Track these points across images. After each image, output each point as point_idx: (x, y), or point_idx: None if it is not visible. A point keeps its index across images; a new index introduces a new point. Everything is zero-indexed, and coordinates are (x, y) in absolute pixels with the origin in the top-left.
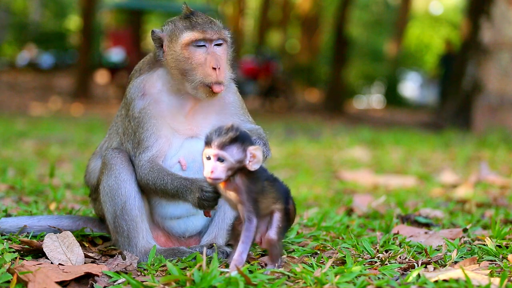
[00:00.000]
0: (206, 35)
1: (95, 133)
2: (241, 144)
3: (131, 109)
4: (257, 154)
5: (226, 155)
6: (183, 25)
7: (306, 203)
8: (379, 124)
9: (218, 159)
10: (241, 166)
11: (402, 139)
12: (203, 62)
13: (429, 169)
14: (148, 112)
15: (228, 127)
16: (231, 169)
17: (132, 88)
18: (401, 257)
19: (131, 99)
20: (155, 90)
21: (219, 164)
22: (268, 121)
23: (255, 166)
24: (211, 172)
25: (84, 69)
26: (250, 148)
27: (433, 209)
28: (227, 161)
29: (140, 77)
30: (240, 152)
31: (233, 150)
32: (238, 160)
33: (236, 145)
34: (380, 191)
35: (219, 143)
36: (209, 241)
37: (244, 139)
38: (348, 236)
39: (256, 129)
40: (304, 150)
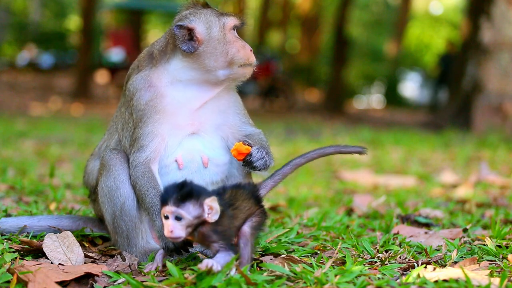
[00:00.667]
0: (241, 21)
1: (95, 133)
2: (197, 200)
3: (135, 101)
4: (214, 206)
5: (183, 213)
6: (215, 12)
7: (306, 203)
8: (379, 124)
9: (175, 217)
10: (200, 221)
11: (402, 139)
12: (243, 45)
13: (429, 169)
14: (154, 105)
15: (181, 184)
16: (190, 225)
17: (135, 81)
18: (401, 257)
19: (134, 91)
20: (162, 84)
21: (177, 223)
22: (268, 121)
23: (214, 217)
24: (170, 231)
25: (84, 69)
26: (206, 201)
27: (433, 209)
28: (184, 219)
29: (143, 72)
30: (197, 207)
31: (189, 208)
32: (195, 216)
33: (192, 202)
34: (380, 191)
35: (175, 201)
36: None
37: (199, 194)
38: (348, 236)
39: (258, 133)
40: (304, 150)
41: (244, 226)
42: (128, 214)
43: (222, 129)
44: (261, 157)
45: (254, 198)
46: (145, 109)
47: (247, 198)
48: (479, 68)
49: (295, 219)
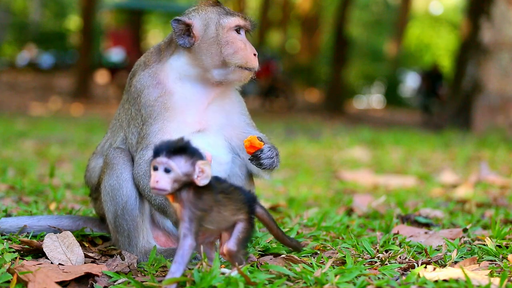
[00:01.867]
0: (247, 23)
1: (95, 133)
2: (190, 157)
3: (144, 97)
4: (206, 169)
5: (173, 166)
6: (219, 11)
7: (306, 203)
8: (379, 124)
9: (165, 169)
10: (189, 180)
11: (402, 139)
12: (244, 47)
13: (429, 169)
14: (164, 102)
15: (178, 138)
16: (178, 181)
17: (142, 78)
18: (401, 257)
19: (142, 88)
20: (169, 80)
21: (165, 174)
22: (268, 121)
23: (203, 182)
24: (156, 181)
25: (84, 69)
26: (199, 162)
27: (433, 209)
28: (173, 172)
29: (151, 68)
30: (188, 165)
31: (180, 161)
32: (185, 173)
33: (185, 157)
34: (380, 191)
35: (167, 152)
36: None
37: (194, 152)
38: (348, 236)
39: (264, 137)
40: (304, 150)
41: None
42: (130, 213)
43: (226, 129)
44: (270, 157)
45: (248, 206)
46: (154, 105)
47: (241, 200)
48: (479, 68)
49: (295, 219)
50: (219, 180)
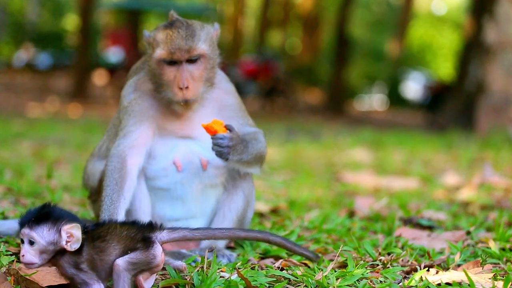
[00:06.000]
0: (174, 56)
1: (93, 134)
2: (54, 224)
3: (121, 103)
4: (74, 233)
5: (36, 237)
6: (160, 38)
7: (307, 205)
8: (381, 125)
9: (29, 241)
10: (58, 248)
11: (405, 140)
12: (172, 80)
13: (432, 170)
14: (138, 103)
15: (41, 206)
16: (45, 251)
17: (126, 87)
18: (403, 260)
19: (123, 96)
20: (145, 89)
21: (29, 247)
22: (268, 122)
23: (74, 246)
24: (22, 256)
25: (82, 69)
26: (65, 227)
27: (436, 211)
28: (37, 243)
29: (133, 78)
30: (53, 232)
31: (43, 231)
32: (50, 242)
33: (48, 225)
34: (382, 193)
35: (29, 223)
36: (208, 244)
37: (58, 218)
38: (349, 239)
39: (255, 133)
40: (305, 151)
41: (117, 260)
42: (134, 215)
43: None
44: (219, 144)
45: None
46: (127, 106)
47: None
48: (482, 68)
49: (296, 221)
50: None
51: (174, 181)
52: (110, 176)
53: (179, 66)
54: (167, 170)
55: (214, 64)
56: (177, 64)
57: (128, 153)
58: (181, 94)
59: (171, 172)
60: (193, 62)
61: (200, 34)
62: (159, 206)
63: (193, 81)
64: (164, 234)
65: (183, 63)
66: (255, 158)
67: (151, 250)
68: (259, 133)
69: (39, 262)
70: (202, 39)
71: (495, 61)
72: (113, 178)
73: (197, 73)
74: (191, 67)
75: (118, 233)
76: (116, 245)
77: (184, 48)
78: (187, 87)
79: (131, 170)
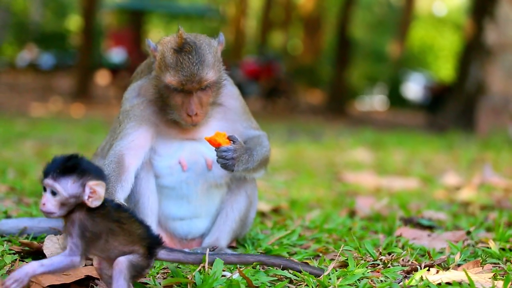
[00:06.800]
0: (185, 87)
1: (96, 134)
2: (79, 177)
3: (123, 106)
4: (98, 190)
5: (59, 188)
6: (169, 62)
7: (308, 205)
8: (382, 126)
9: (51, 192)
10: (79, 201)
11: (405, 140)
12: (180, 105)
13: (432, 171)
14: (140, 108)
15: (68, 156)
16: (66, 204)
17: (128, 90)
18: (404, 260)
19: (125, 99)
20: (148, 95)
21: (51, 197)
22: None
23: (95, 203)
24: (43, 204)
25: (84, 69)
26: (90, 183)
27: (436, 211)
28: (59, 195)
29: (139, 81)
30: (77, 186)
31: (67, 183)
32: (72, 195)
33: (73, 178)
34: (383, 193)
35: (54, 173)
36: (210, 243)
37: (84, 172)
38: (350, 239)
39: (259, 137)
40: (306, 151)
41: (120, 257)
42: (141, 212)
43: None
44: (224, 157)
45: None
46: (129, 110)
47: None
48: (482, 70)
49: (297, 221)
50: (120, 208)
51: (180, 180)
52: (108, 166)
53: (188, 94)
54: (172, 169)
55: (221, 84)
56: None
57: (126, 153)
58: (190, 120)
59: (177, 171)
60: (203, 90)
61: (209, 59)
62: (164, 205)
63: (201, 108)
64: (162, 252)
65: (193, 93)
66: (260, 164)
67: (151, 261)
68: (263, 137)
69: (58, 213)
70: (211, 65)
71: (496, 62)
72: (110, 168)
73: (205, 99)
74: (200, 93)
75: (134, 228)
76: (128, 238)
77: (195, 79)
78: (196, 113)
79: (128, 167)
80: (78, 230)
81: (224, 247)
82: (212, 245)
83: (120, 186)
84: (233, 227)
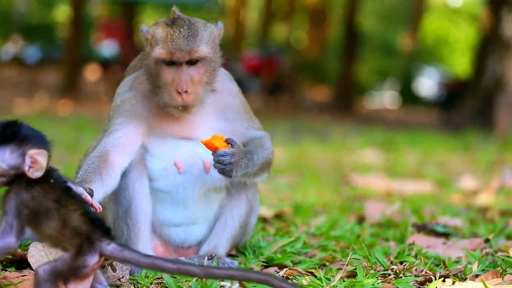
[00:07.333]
0: (174, 56)
1: (85, 133)
2: (18, 146)
3: (114, 100)
4: (39, 160)
5: None
6: (159, 36)
7: (314, 210)
8: (393, 124)
9: None
10: (19, 172)
11: (418, 140)
12: (170, 83)
13: (448, 173)
14: (131, 103)
15: (4, 123)
16: (4, 175)
17: (121, 85)
18: (417, 270)
19: (117, 94)
20: (144, 89)
21: None
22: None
23: (36, 174)
24: None
25: (73, 63)
26: (30, 152)
27: (452, 217)
28: None
29: (132, 75)
30: (16, 155)
31: (5, 153)
32: (11, 166)
33: (11, 147)
34: (394, 198)
35: None
36: (208, 251)
37: (23, 140)
38: (359, 247)
39: (261, 138)
40: (311, 152)
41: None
42: (133, 217)
43: (224, 134)
44: (221, 162)
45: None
46: (120, 105)
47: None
48: (501, 64)
49: (302, 227)
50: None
51: (175, 183)
52: (89, 161)
53: (178, 68)
54: (167, 171)
55: (215, 66)
56: (176, 66)
57: (111, 149)
58: (180, 99)
59: (172, 173)
60: (194, 65)
61: (202, 35)
62: (159, 210)
63: (192, 85)
64: (111, 247)
65: (183, 65)
66: (261, 168)
67: (82, 259)
68: (266, 138)
69: None
70: (204, 40)
71: None
72: (91, 162)
73: (197, 77)
74: (191, 70)
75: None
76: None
77: (185, 49)
78: (186, 91)
79: (112, 162)
80: (14, 205)
81: (222, 256)
82: (210, 253)
83: (100, 178)
84: (232, 234)
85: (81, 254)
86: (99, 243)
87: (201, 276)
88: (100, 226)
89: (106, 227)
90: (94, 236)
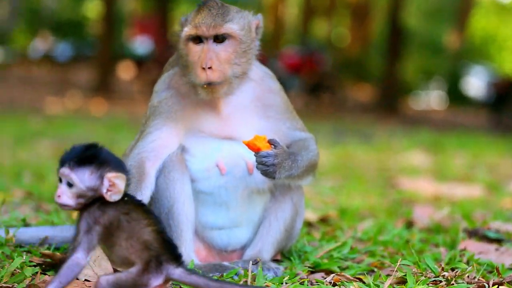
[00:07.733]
0: (199, 31)
1: (119, 133)
2: (97, 169)
3: (152, 100)
4: (117, 183)
5: (75, 179)
6: (191, 17)
7: (360, 214)
8: (440, 126)
9: (67, 183)
10: (97, 195)
11: (467, 142)
12: (196, 61)
13: (498, 177)
14: (168, 104)
15: (86, 145)
16: (83, 196)
17: (158, 82)
18: (469, 277)
19: (155, 92)
20: (179, 85)
21: (67, 189)
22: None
23: (114, 197)
24: (58, 196)
25: (105, 61)
26: (108, 174)
27: (505, 222)
28: (76, 186)
29: (170, 71)
30: (95, 178)
31: (84, 174)
32: (90, 187)
33: (90, 169)
34: (442, 202)
35: (71, 163)
36: (252, 255)
37: (103, 163)
38: (408, 252)
39: (305, 140)
40: (355, 154)
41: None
42: (176, 218)
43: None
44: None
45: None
46: (157, 106)
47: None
48: None
49: (348, 232)
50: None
51: (218, 185)
52: None
53: (205, 45)
54: (209, 172)
55: (247, 49)
56: (203, 43)
57: (145, 156)
58: (204, 76)
59: (214, 174)
60: (221, 42)
61: (233, 15)
62: (201, 212)
63: (218, 62)
64: (179, 271)
65: (209, 42)
66: (306, 171)
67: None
68: (310, 140)
69: (74, 206)
70: (233, 20)
71: None
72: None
73: (223, 55)
74: (218, 47)
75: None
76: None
77: (210, 23)
78: (210, 67)
79: (149, 171)
80: (86, 223)
81: (267, 260)
82: (254, 258)
83: (140, 194)
84: (277, 238)
85: (148, 271)
86: (167, 265)
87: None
88: (171, 249)
89: (177, 252)
90: (163, 257)
